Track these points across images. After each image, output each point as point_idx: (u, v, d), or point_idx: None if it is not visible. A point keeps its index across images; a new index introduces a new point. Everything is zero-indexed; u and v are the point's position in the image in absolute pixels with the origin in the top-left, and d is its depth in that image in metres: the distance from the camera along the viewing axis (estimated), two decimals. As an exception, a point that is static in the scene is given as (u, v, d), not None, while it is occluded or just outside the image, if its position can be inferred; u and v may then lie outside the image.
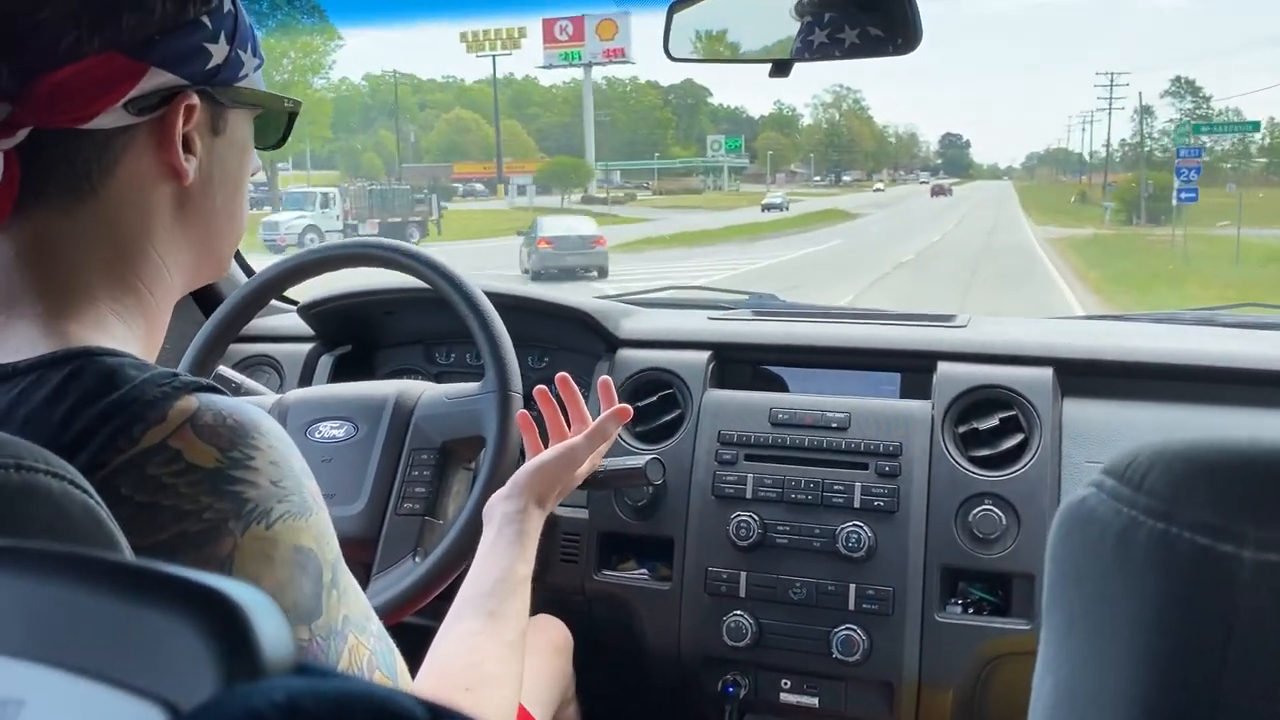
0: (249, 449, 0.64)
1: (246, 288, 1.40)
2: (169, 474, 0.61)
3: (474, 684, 0.93)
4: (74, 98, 0.66)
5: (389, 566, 1.27)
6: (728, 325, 1.70)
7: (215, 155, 0.76)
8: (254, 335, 1.80)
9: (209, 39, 0.71)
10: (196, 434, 0.62)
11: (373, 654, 0.70)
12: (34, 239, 0.69)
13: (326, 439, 1.34)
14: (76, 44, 0.65)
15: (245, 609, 0.26)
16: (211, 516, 0.61)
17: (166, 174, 0.72)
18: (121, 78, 0.67)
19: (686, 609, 1.46)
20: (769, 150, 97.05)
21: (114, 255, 0.71)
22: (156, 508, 0.60)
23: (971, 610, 1.38)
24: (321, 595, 0.66)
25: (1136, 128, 68.57)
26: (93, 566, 0.30)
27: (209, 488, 0.62)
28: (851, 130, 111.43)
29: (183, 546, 0.61)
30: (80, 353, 0.65)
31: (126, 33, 0.67)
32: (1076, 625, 0.44)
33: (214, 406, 0.64)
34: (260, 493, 0.63)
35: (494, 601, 1.01)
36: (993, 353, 1.51)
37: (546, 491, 1.15)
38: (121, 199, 0.71)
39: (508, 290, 1.61)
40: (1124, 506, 0.41)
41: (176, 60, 0.69)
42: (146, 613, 0.27)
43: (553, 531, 1.54)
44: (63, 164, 0.68)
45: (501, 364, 1.25)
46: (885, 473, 1.42)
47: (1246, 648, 0.37)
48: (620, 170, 76.98)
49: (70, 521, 0.49)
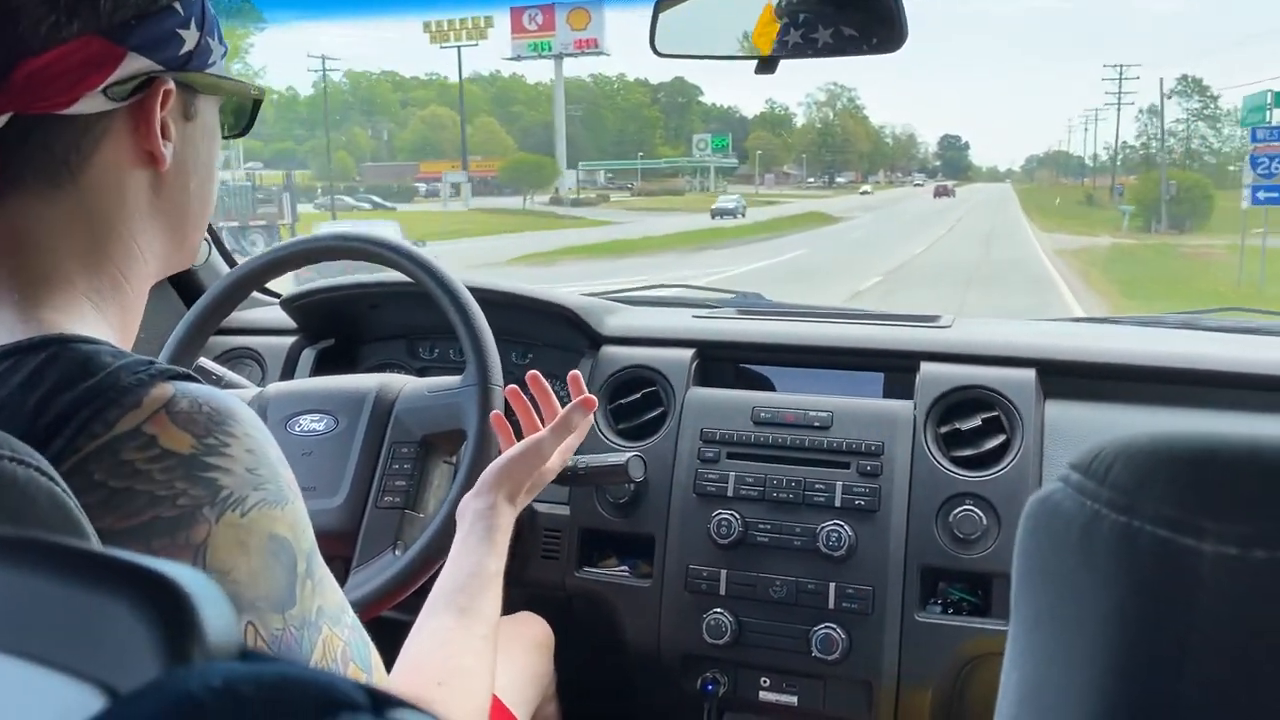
0: (225, 436, 0.64)
1: (227, 279, 1.40)
2: (143, 460, 0.61)
3: (446, 678, 0.93)
4: (54, 83, 0.65)
5: (369, 560, 1.27)
6: (712, 324, 1.70)
7: (188, 141, 0.76)
8: (236, 328, 1.79)
9: (181, 25, 0.71)
10: (172, 420, 0.62)
11: (346, 645, 0.70)
12: (10, 226, 0.69)
13: (307, 432, 1.34)
14: (54, 27, 0.65)
15: (189, 593, 0.26)
16: (186, 503, 0.61)
17: (143, 160, 0.72)
18: (100, 62, 0.67)
19: (667, 606, 1.46)
20: (759, 150, 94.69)
21: (91, 242, 0.71)
22: (130, 492, 0.60)
23: (951, 610, 1.38)
24: (295, 585, 0.65)
25: (1141, 128, 68.11)
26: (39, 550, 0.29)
27: (184, 474, 0.61)
28: (846, 130, 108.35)
29: (156, 532, 0.60)
30: (56, 339, 0.65)
31: (104, 17, 0.66)
32: (1042, 620, 0.44)
33: (190, 394, 0.64)
34: (236, 480, 0.63)
35: (465, 597, 1.01)
36: (976, 353, 1.51)
37: (516, 487, 1.14)
38: (99, 185, 0.70)
39: (491, 285, 1.61)
40: (1088, 500, 0.41)
41: (152, 46, 0.69)
42: (91, 597, 0.27)
43: (533, 527, 1.53)
44: (41, 150, 0.68)
45: (483, 357, 1.25)
46: (867, 472, 1.42)
47: (1206, 640, 0.37)
48: (605, 170, 75.07)
49: (36, 508, 0.49)
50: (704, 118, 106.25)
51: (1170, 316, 1.81)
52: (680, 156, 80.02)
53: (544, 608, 1.48)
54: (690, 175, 76.37)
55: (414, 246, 1.34)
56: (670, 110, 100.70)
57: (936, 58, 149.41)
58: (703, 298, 2.03)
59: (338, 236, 1.39)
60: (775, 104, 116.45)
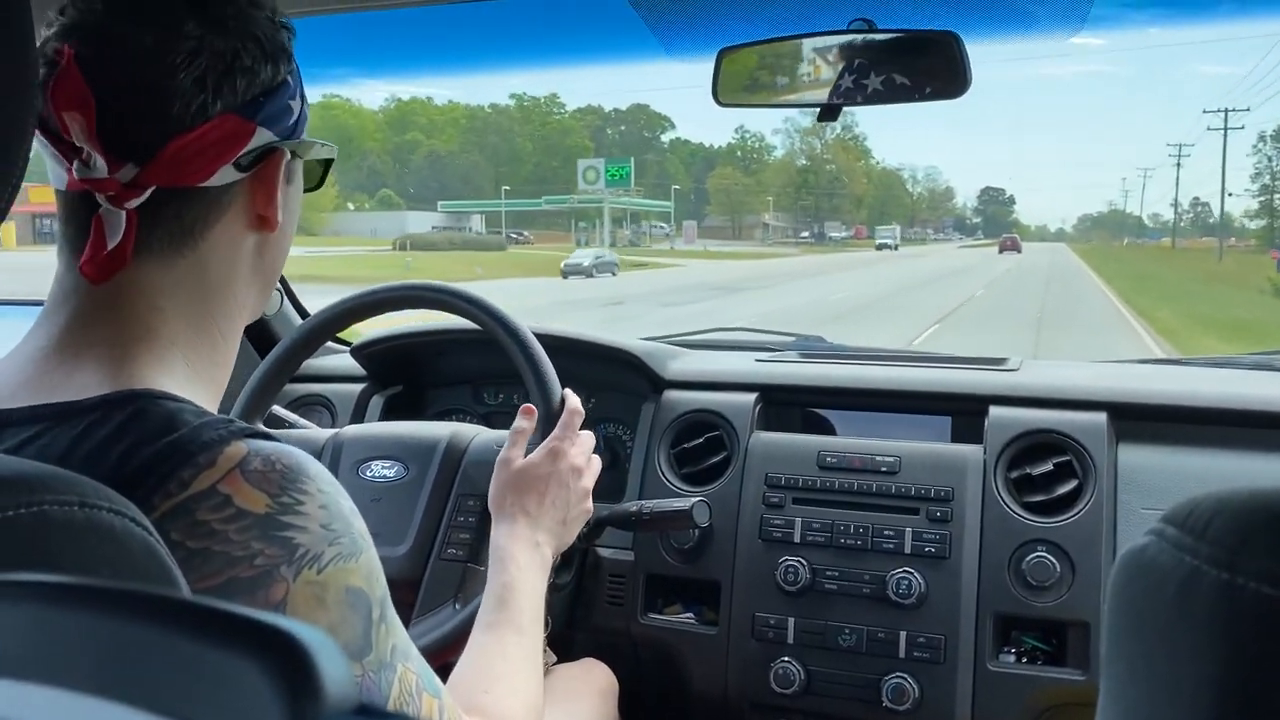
0: (298, 494, 0.65)
1: (302, 329, 1.43)
2: (219, 520, 0.62)
3: (489, 685, 0.97)
4: (196, 158, 0.70)
5: (429, 611, 1.27)
6: (775, 367, 1.70)
7: (287, 202, 0.80)
8: (307, 375, 1.83)
9: (291, 96, 0.76)
10: (246, 479, 0.64)
11: (419, 676, 0.72)
12: (127, 289, 0.71)
13: (378, 478, 1.36)
14: (202, 107, 0.69)
15: (309, 650, 0.26)
16: (263, 562, 0.62)
17: (255, 224, 0.76)
18: (235, 138, 0.71)
19: (733, 655, 1.45)
20: (724, 190, 76.17)
21: (200, 303, 0.75)
22: (208, 553, 0.61)
23: (1025, 659, 1.35)
24: (371, 632, 0.67)
25: (1262, 162, 64.50)
26: (160, 605, 0.31)
27: (259, 533, 0.63)
28: (840, 166, 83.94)
29: (234, 592, 0.62)
30: (144, 394, 0.67)
31: (239, 94, 0.71)
32: (1137, 676, 0.43)
33: (263, 452, 0.65)
34: (311, 537, 0.64)
35: (488, 614, 1.05)
36: (1046, 396, 1.49)
37: (515, 501, 1.15)
38: (217, 250, 0.74)
39: (556, 331, 1.62)
40: (1186, 555, 0.40)
41: (273, 119, 0.74)
42: (213, 651, 0.28)
43: (598, 573, 1.53)
44: (173, 220, 0.71)
45: (550, 416, 1.25)
46: (936, 518, 1.40)
47: None
48: (508, 211, 59.40)
49: (132, 558, 0.50)
50: (673, 152, 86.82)
51: (1244, 358, 1.76)
52: (586, 195, 56.94)
53: (609, 655, 1.48)
54: (585, 223, 55.83)
55: (484, 296, 1.35)
56: (631, 144, 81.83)
57: (979, 111, 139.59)
58: (764, 341, 2.03)
59: (410, 287, 1.41)
60: (748, 134, 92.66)
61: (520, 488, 1.16)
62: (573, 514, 1.19)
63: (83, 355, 0.70)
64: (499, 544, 1.12)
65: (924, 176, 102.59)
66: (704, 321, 8.05)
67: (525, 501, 1.15)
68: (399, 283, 1.42)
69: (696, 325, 2.23)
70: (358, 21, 1.36)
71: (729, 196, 76.71)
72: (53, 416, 0.65)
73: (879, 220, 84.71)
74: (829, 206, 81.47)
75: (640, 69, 9.96)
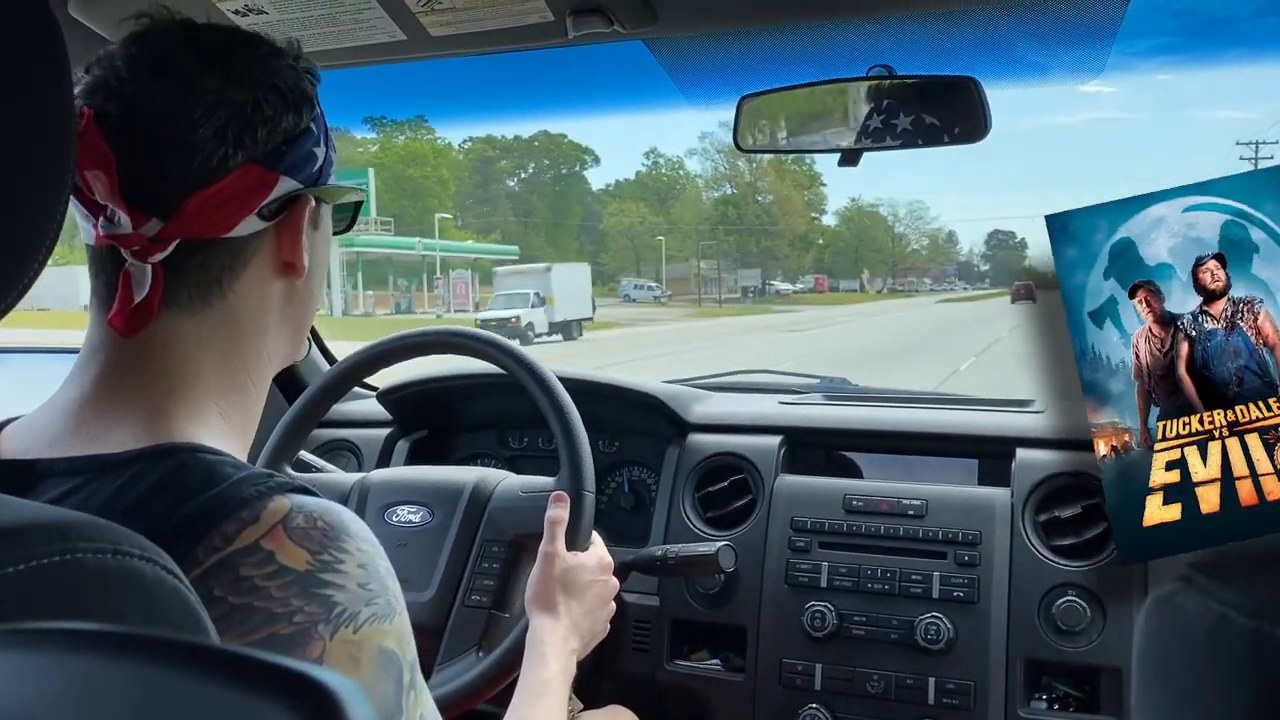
0: (339, 552, 0.65)
1: (329, 375, 1.44)
2: (261, 576, 0.62)
3: None
4: (219, 210, 0.70)
5: (452, 659, 1.27)
6: (799, 410, 1.69)
7: (314, 248, 0.80)
8: (334, 420, 1.84)
9: (315, 143, 0.76)
10: (288, 535, 0.64)
11: None
12: (155, 341, 0.72)
13: (404, 523, 1.36)
14: (223, 159, 0.69)
15: (340, 698, 0.27)
16: (301, 620, 0.62)
17: (281, 271, 0.77)
18: (257, 188, 0.72)
19: (760, 701, 1.43)
20: (622, 233, 56.26)
21: (229, 352, 0.75)
22: (249, 609, 0.61)
23: (1057, 706, 1.33)
24: (402, 696, 0.66)
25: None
26: (193, 652, 0.31)
27: (299, 590, 0.63)
28: (777, 196, 62.42)
29: (273, 649, 0.61)
30: (185, 448, 0.67)
31: (261, 145, 0.71)
32: None
33: (305, 508, 0.65)
34: (349, 596, 0.64)
35: (523, 708, 1.05)
36: (1073, 438, 1.47)
37: (565, 601, 1.16)
38: (244, 299, 0.75)
39: (580, 375, 1.63)
40: (1214, 602, 0.40)
41: (296, 167, 0.74)
42: (246, 698, 0.28)
43: (624, 619, 1.52)
44: (199, 271, 0.72)
45: (577, 463, 1.25)
46: (965, 562, 1.39)
47: None
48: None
49: (162, 606, 0.50)
50: (612, 195, 63.94)
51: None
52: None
53: (635, 701, 1.46)
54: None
55: (511, 342, 1.36)
56: (546, 187, 61.87)
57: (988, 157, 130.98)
58: (788, 383, 2.02)
59: (439, 333, 1.42)
60: (660, 158, 69.26)
61: (571, 590, 1.16)
62: (598, 628, 1.20)
63: (118, 408, 0.70)
64: (542, 638, 1.11)
65: (907, 214, 79.54)
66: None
67: (573, 605, 1.16)
68: (427, 329, 1.43)
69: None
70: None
71: (633, 239, 57.87)
72: (93, 469, 0.66)
73: (850, 269, 68.84)
74: (758, 249, 61.15)
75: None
